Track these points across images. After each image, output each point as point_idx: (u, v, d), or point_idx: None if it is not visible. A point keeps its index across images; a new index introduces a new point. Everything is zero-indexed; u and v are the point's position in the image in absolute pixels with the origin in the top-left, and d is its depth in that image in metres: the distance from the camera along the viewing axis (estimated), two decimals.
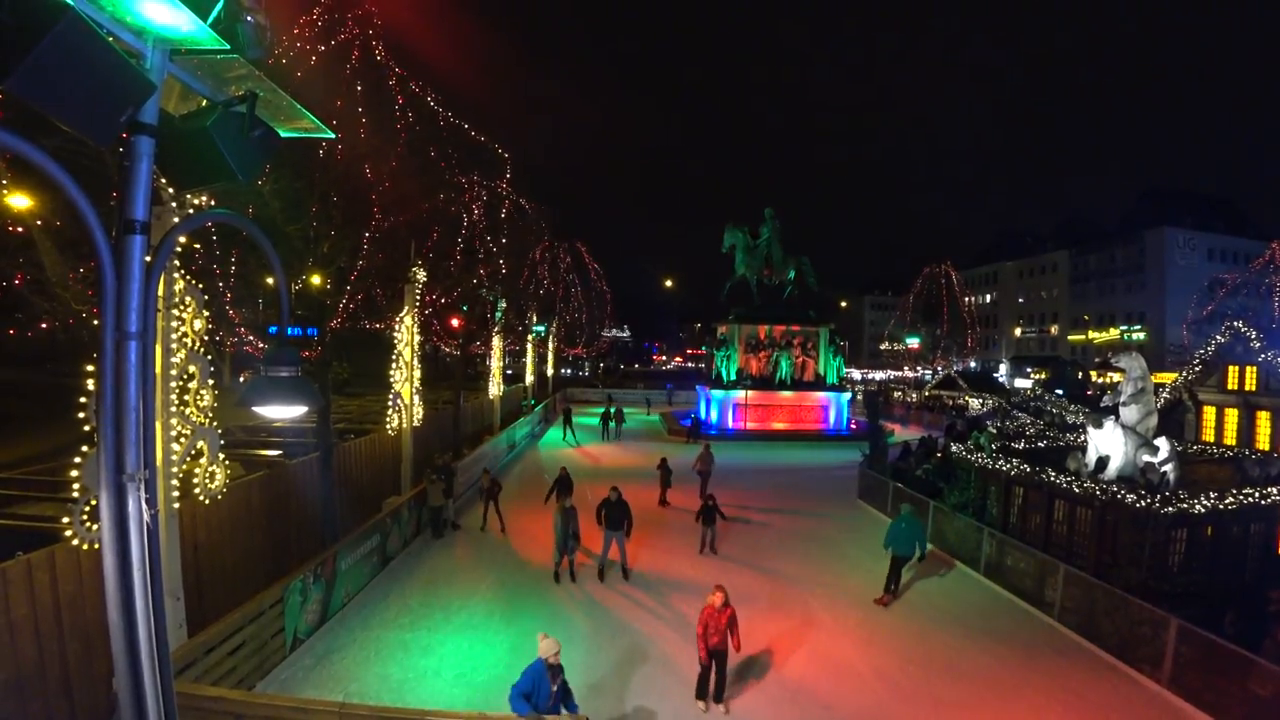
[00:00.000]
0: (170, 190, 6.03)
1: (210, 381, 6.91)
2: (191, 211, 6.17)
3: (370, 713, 5.84)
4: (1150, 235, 58.79)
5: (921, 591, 12.20)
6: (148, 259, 2.79)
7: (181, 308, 6.41)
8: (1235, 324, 18.69)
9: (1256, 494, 11.02)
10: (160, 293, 6.25)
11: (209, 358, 6.87)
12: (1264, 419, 18.10)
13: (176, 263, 6.42)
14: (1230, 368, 19.09)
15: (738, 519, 16.16)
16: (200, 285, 6.73)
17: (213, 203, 6.52)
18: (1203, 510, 10.61)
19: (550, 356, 44.84)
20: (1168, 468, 11.39)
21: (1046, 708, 8.35)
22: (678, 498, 17.95)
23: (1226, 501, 10.75)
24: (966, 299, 60.75)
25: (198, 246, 7.52)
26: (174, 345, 6.38)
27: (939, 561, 13.83)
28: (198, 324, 6.57)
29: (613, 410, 31.30)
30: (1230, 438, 18.85)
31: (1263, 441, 17.87)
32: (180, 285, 6.42)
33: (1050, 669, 9.36)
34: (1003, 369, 68.70)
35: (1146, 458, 11.61)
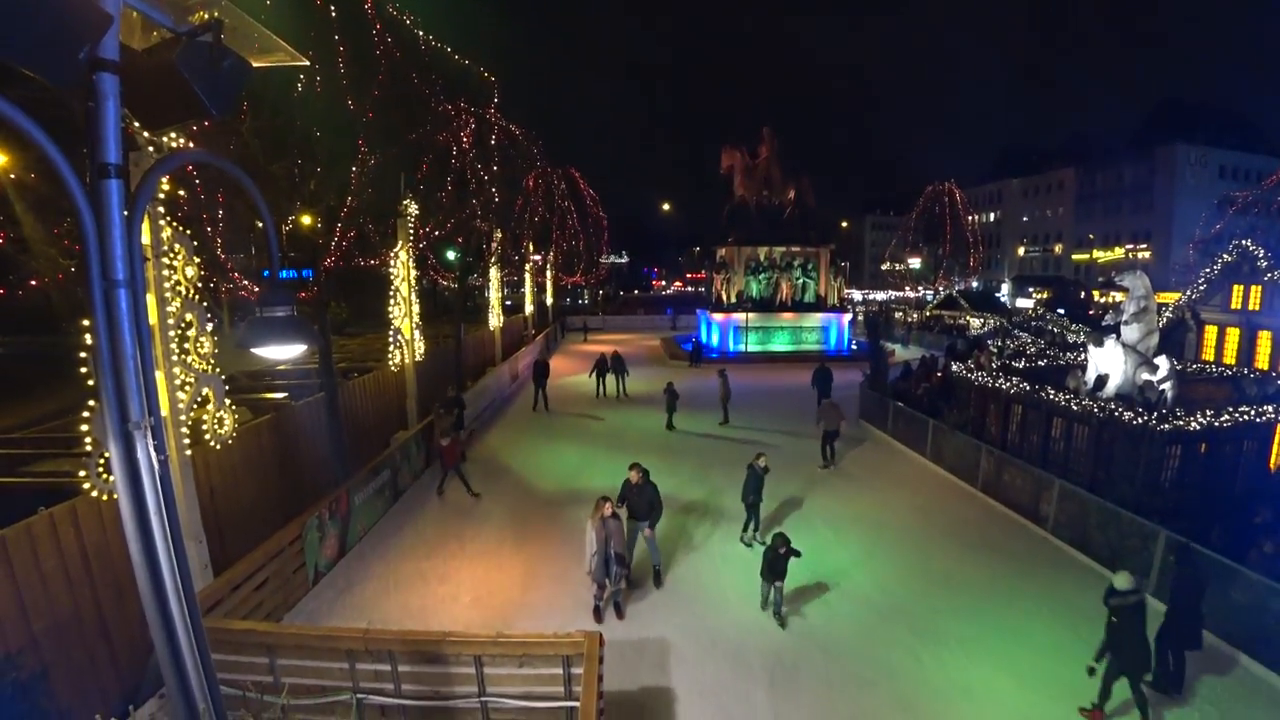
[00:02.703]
0: (145, 134, 5.76)
1: (209, 328, 6.85)
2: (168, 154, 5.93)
3: (393, 637, 6.09)
4: (1161, 151, 56.90)
5: (920, 508, 12.55)
6: (126, 212, 2.67)
7: (171, 255, 6.26)
8: (1243, 242, 18.39)
9: (1251, 412, 11.14)
10: (147, 241, 6.10)
11: (205, 305, 6.77)
12: (1265, 339, 18.11)
13: (161, 210, 6.22)
14: (1235, 287, 18.94)
15: (744, 435, 16.54)
16: (189, 232, 6.55)
17: (191, 145, 6.24)
18: (1198, 428, 10.76)
19: (549, 286, 44.52)
20: (1166, 386, 11.47)
21: (1037, 614, 8.76)
22: (684, 421, 18.41)
23: (1221, 420, 10.88)
24: (970, 218, 59.55)
25: (182, 194, 7.27)
26: (168, 294, 6.28)
27: (938, 480, 14.19)
28: (190, 271, 6.44)
29: (609, 359, 22.70)
30: (1230, 357, 18.92)
31: (1262, 361, 17.95)
32: (168, 233, 6.24)
33: (1043, 579, 9.76)
34: (1005, 289, 68.19)
35: (1145, 376, 11.67)
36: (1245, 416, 11.08)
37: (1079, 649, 8.01)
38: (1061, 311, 29.03)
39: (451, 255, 23.66)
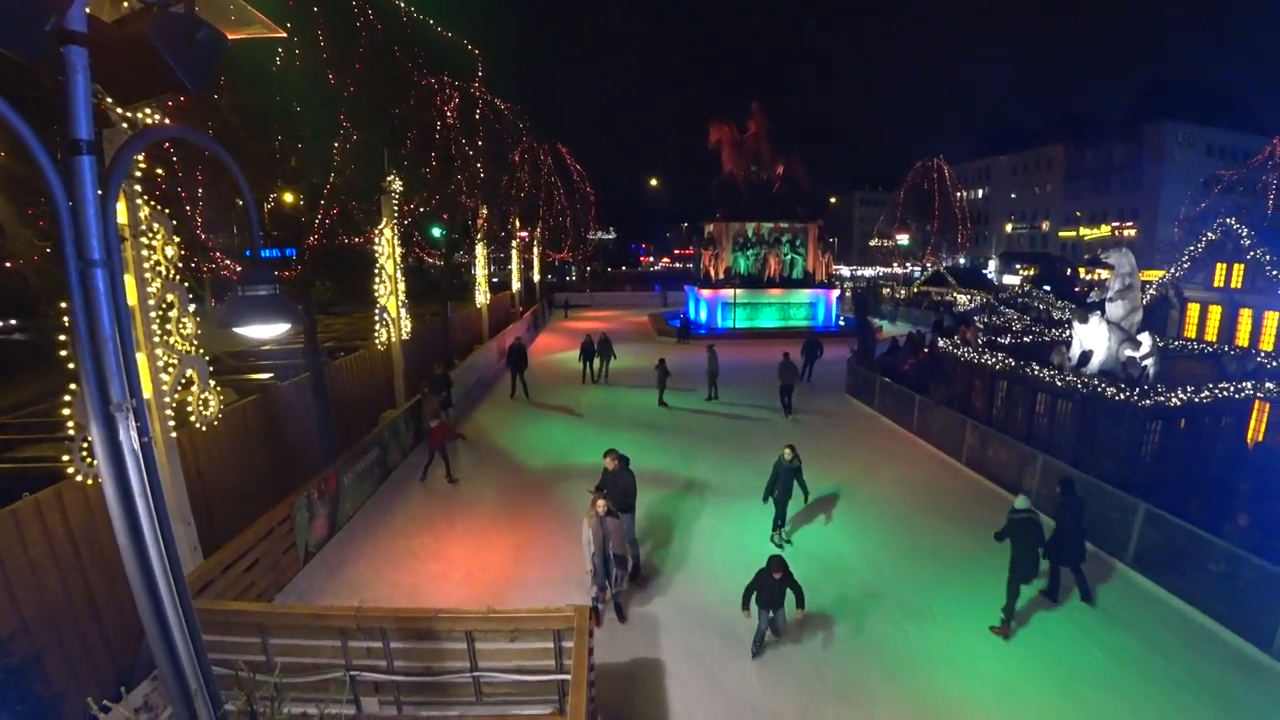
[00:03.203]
0: (119, 110, 5.58)
1: (191, 309, 6.73)
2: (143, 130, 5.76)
3: (385, 615, 6.12)
4: (1150, 129, 56.96)
5: (907, 483, 12.73)
6: (100, 190, 2.60)
7: (150, 235, 6.11)
8: (1228, 221, 18.56)
9: (1230, 388, 11.35)
10: (124, 220, 5.96)
11: (186, 285, 6.65)
12: (1245, 316, 18.37)
13: (139, 188, 6.06)
14: (1218, 265, 19.15)
15: (733, 411, 16.72)
16: (167, 211, 6.39)
17: (167, 121, 6.07)
18: (1178, 404, 10.95)
19: (536, 262, 44.19)
20: (1149, 363, 11.64)
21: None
22: (673, 398, 18.58)
23: (1202, 396, 11.08)
24: (958, 194, 59.56)
25: (160, 172, 7.08)
26: (147, 275, 6.14)
27: (924, 454, 14.38)
28: (169, 251, 6.30)
29: (595, 342, 21.72)
30: (1211, 334, 19.21)
31: (1243, 338, 18.23)
32: (145, 212, 6.09)
33: None
34: (992, 265, 68.49)
35: (1129, 353, 11.83)
36: (1224, 393, 11.29)
37: (1058, 620, 8.25)
38: (1048, 288, 29.25)
39: (437, 232, 23.37)
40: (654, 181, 74.87)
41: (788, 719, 6.54)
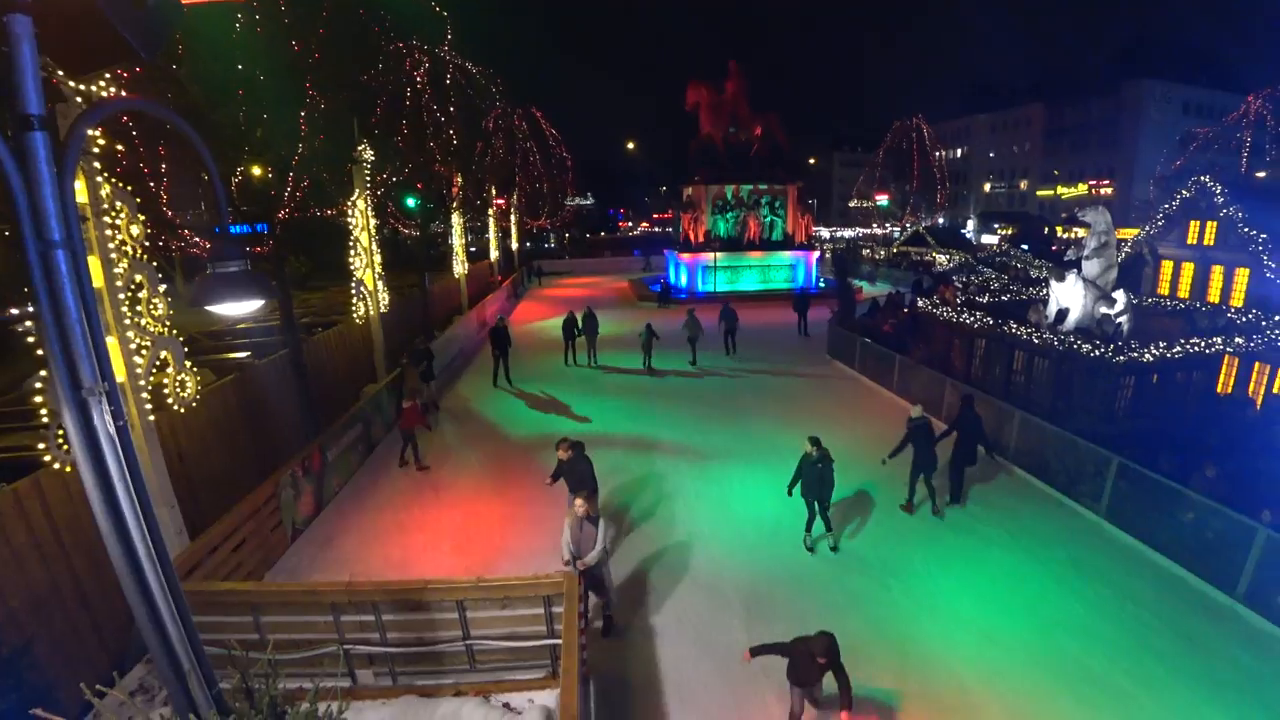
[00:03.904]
0: (71, 84, 5.32)
1: (162, 289, 6.54)
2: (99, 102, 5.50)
3: (375, 588, 6.16)
4: (1128, 87, 56.93)
5: (887, 442, 12.85)
6: (55, 168, 2.49)
7: (113, 214, 5.88)
8: (1202, 179, 18.74)
9: (1201, 344, 11.61)
10: (85, 200, 5.74)
11: (155, 265, 6.44)
12: (1217, 273, 18.71)
13: (98, 165, 5.81)
14: (1192, 223, 19.39)
15: (717, 375, 16.99)
16: (130, 189, 6.14)
17: (124, 94, 5.79)
18: (1151, 359, 11.20)
19: (514, 230, 43.54)
20: (1123, 319, 11.86)
21: (997, 540, 9.25)
22: (657, 362, 18.69)
23: (1174, 351, 11.34)
24: (938, 154, 59.36)
25: (120, 148, 6.78)
26: (113, 255, 5.94)
27: (905, 414, 14.60)
28: (135, 230, 6.07)
29: (580, 317, 19.43)
30: (1184, 291, 19.56)
31: (1214, 295, 18.60)
32: (107, 190, 5.85)
33: (1003, 506, 10.25)
34: (971, 225, 68.83)
35: (1104, 310, 12.03)
36: (1195, 348, 11.56)
37: (1035, 570, 8.53)
38: (1026, 247, 29.53)
39: (412, 202, 22.86)
40: (631, 145, 73.68)
41: (774, 671, 6.73)
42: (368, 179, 14.10)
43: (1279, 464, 9.80)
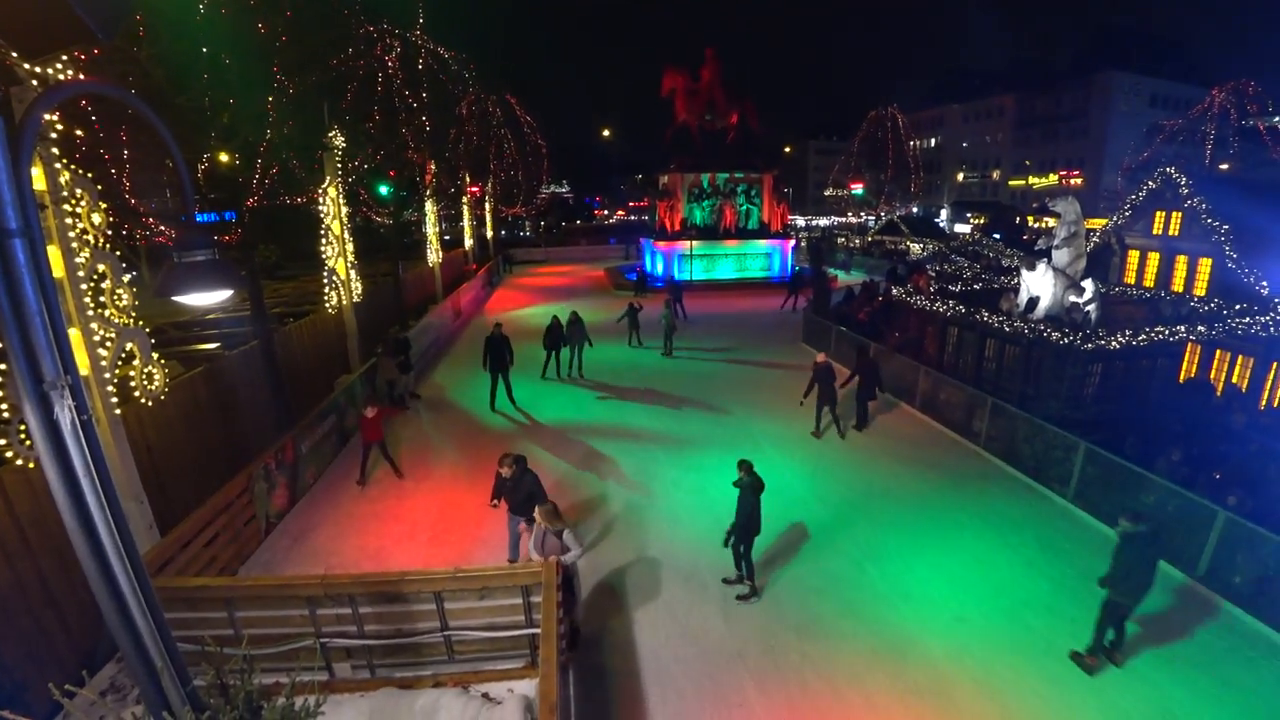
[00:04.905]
0: (26, 66, 5.10)
1: (126, 279, 6.34)
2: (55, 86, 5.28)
3: (352, 580, 6.10)
4: (1097, 78, 57.92)
5: (863, 429, 13.16)
6: (10, 154, 2.40)
7: (73, 201, 5.67)
8: (1167, 170, 19.21)
9: (1165, 332, 11.95)
10: (44, 187, 5.54)
11: (119, 254, 6.24)
12: (1181, 263, 19.25)
13: (56, 151, 5.59)
14: (1157, 213, 19.89)
15: (693, 362, 16.99)
16: (91, 175, 5.92)
17: (82, 77, 5.57)
18: (1117, 347, 11.50)
19: (488, 218, 43.05)
20: (1091, 308, 12.13)
21: (968, 525, 9.46)
22: (633, 352, 18.68)
23: (1139, 339, 11.65)
24: (912, 143, 59.97)
25: (79, 133, 6.53)
26: (74, 244, 5.73)
27: (879, 400, 14.82)
28: (96, 218, 5.87)
29: (565, 324, 16.62)
30: (1150, 280, 20.11)
31: (1178, 284, 19.16)
32: (66, 177, 5.63)
33: (975, 491, 10.49)
34: (944, 214, 69.74)
35: (1073, 298, 12.29)
36: (1160, 336, 11.89)
37: (1005, 553, 8.75)
38: (997, 236, 29.98)
39: (384, 190, 22.46)
40: (606, 132, 72.97)
41: (752, 656, 6.84)
42: (339, 166, 13.81)
43: (1239, 448, 10.16)
